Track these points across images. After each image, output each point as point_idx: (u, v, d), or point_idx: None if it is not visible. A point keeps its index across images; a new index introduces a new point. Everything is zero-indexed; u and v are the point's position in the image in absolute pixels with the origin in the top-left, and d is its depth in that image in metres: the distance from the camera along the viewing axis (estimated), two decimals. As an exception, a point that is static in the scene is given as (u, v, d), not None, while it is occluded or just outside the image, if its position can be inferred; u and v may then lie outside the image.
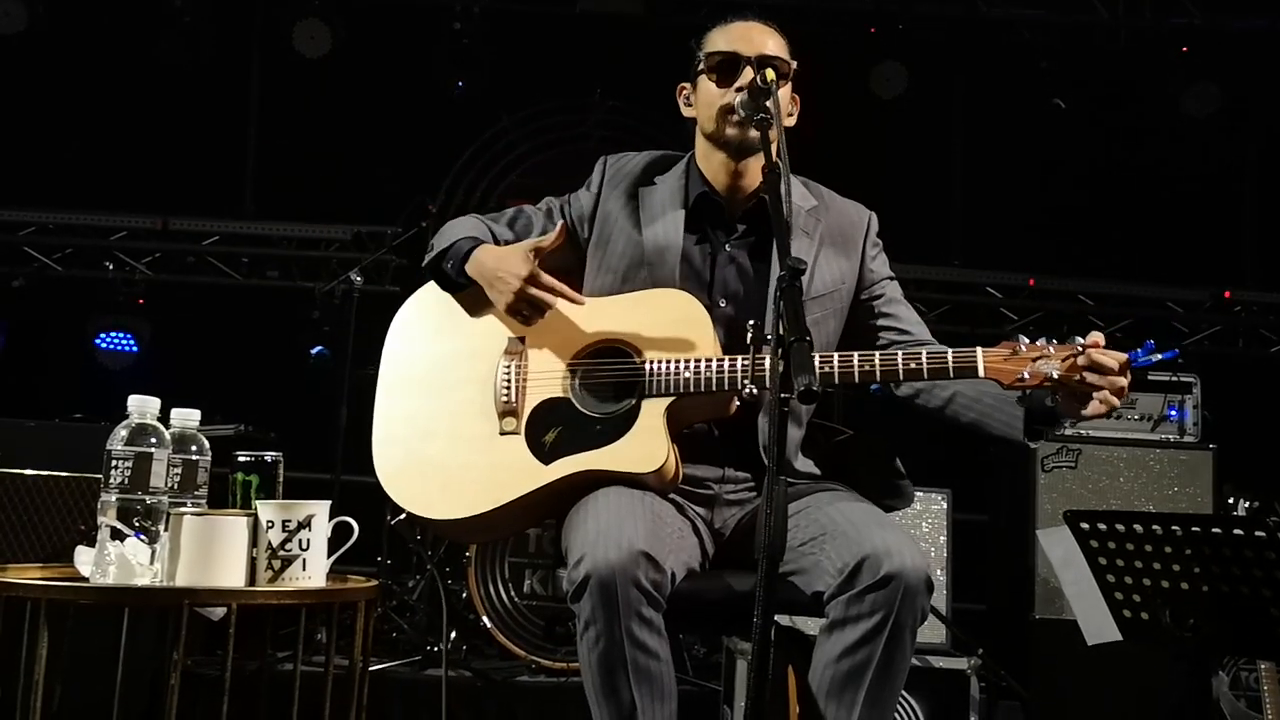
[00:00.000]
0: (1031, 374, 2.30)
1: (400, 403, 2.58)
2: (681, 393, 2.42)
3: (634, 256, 2.62)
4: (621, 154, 2.77)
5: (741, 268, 2.62)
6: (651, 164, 2.73)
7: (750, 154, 2.58)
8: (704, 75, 2.61)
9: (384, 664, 4.44)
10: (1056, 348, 2.31)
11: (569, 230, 2.70)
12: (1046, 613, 4.64)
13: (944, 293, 6.96)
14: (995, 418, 2.47)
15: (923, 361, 2.36)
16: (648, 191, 2.67)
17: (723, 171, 2.63)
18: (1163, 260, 6.88)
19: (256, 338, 6.51)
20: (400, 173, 6.76)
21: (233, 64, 6.97)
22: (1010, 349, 2.33)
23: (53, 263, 6.84)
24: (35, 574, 2.35)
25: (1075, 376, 2.28)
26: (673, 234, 2.61)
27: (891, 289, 2.72)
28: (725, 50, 2.58)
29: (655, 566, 2.20)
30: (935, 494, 4.49)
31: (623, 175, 2.72)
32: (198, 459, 2.39)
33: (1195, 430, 4.93)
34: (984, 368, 2.33)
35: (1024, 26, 6.91)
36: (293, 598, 2.19)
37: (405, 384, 2.59)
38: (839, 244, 2.66)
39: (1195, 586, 2.40)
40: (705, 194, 2.64)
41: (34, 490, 4.08)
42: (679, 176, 2.69)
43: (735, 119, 2.53)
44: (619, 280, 2.62)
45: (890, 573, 2.19)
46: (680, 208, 2.63)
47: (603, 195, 2.70)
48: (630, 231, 2.64)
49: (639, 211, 2.65)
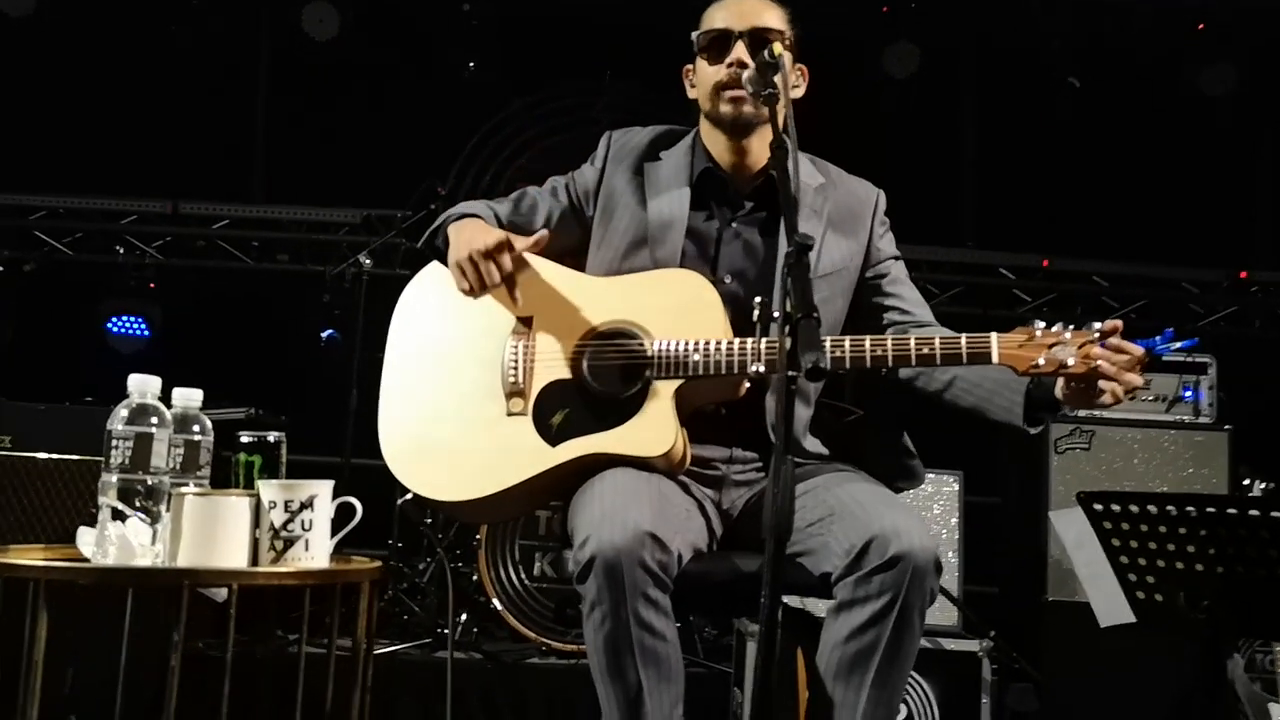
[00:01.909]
0: (1048, 360, 2.25)
1: (406, 384, 2.56)
2: (690, 375, 2.40)
3: (638, 231, 2.59)
4: (627, 129, 2.75)
5: (748, 244, 2.60)
6: (657, 139, 2.70)
7: (749, 131, 2.56)
8: (700, 54, 2.59)
9: (394, 646, 4.43)
10: (1073, 334, 2.26)
11: (573, 206, 2.68)
12: (1059, 594, 4.62)
13: (957, 274, 6.90)
14: (995, 403, 2.44)
15: (935, 347, 2.32)
16: (653, 167, 2.65)
17: (726, 149, 2.61)
18: (1178, 241, 6.82)
19: (267, 321, 6.52)
20: (409, 156, 6.74)
21: (241, 47, 6.95)
22: (1026, 334, 2.29)
23: (63, 247, 6.85)
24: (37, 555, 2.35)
25: (1091, 364, 2.23)
26: (678, 209, 2.58)
27: (897, 269, 2.69)
28: (717, 27, 2.56)
29: (661, 547, 2.18)
30: (947, 475, 4.46)
31: (628, 150, 2.69)
32: (200, 439, 2.38)
33: (1210, 411, 4.89)
34: (999, 354, 2.29)
35: (1037, 5, 6.84)
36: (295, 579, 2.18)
37: (411, 365, 2.57)
38: (847, 222, 2.64)
39: (1210, 568, 2.38)
40: (710, 170, 2.62)
41: (45, 473, 4.09)
42: (685, 152, 2.66)
43: (730, 95, 2.51)
44: (619, 256, 2.60)
45: (898, 553, 2.17)
46: (686, 184, 2.61)
47: (607, 170, 2.68)
48: (635, 207, 2.61)
49: (644, 187, 2.63)
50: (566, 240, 2.66)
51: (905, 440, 2.61)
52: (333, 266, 5.91)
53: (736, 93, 2.51)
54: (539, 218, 2.68)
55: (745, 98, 2.49)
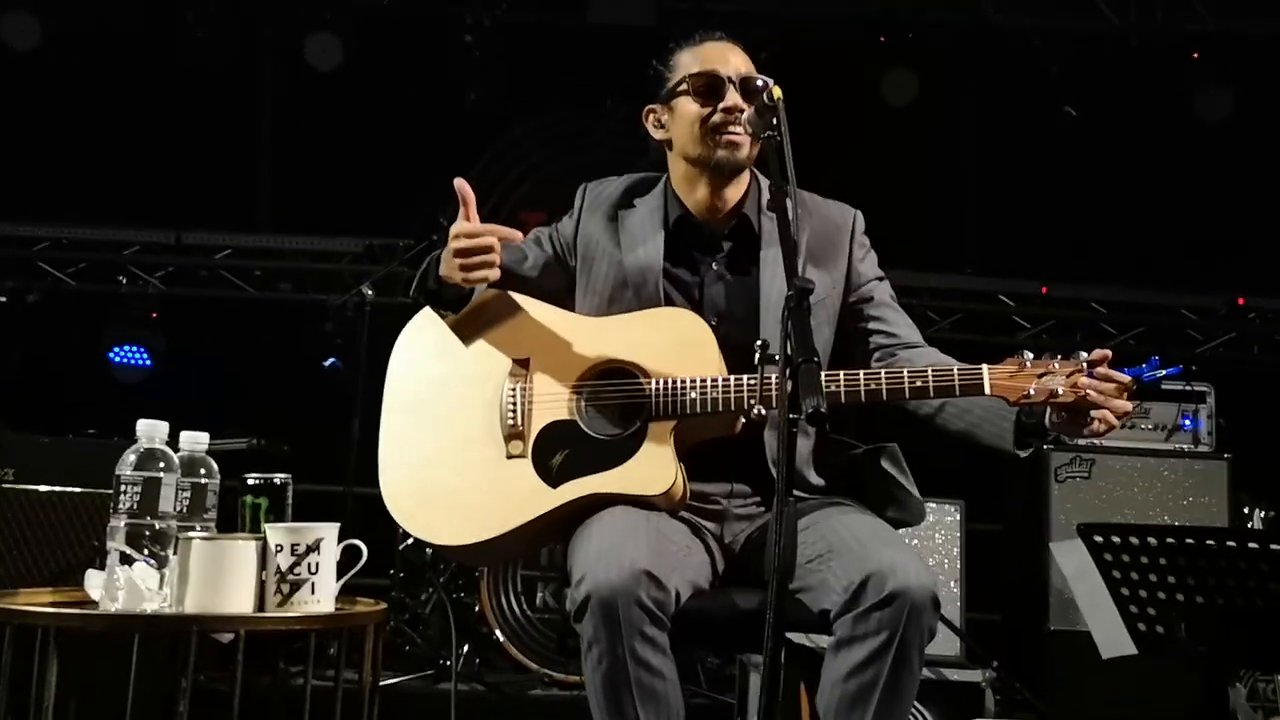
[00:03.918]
0: (1038, 390, 2.28)
1: (405, 427, 2.56)
2: (688, 413, 2.42)
3: (617, 278, 2.62)
4: (601, 180, 2.79)
5: (729, 285, 2.62)
6: (630, 187, 2.74)
7: (735, 174, 2.58)
8: (685, 96, 2.60)
9: (396, 678, 4.43)
10: (1060, 363, 2.30)
11: (557, 256, 2.71)
12: (1062, 624, 4.62)
13: (956, 301, 6.93)
14: (985, 428, 2.46)
15: (929, 380, 2.34)
16: (627, 214, 2.69)
17: (703, 194, 2.63)
18: (1176, 267, 6.85)
19: (269, 350, 6.54)
20: (412, 184, 6.76)
21: (245, 77, 7.00)
22: (1016, 365, 2.32)
23: (66, 277, 6.88)
24: (45, 598, 2.35)
25: (1080, 393, 2.26)
26: (653, 256, 2.61)
27: (880, 290, 2.70)
28: (707, 70, 2.58)
29: (658, 585, 2.19)
30: (948, 505, 4.47)
31: (602, 200, 2.73)
32: (206, 482, 2.39)
33: (1210, 440, 4.90)
34: (990, 385, 2.31)
35: (1033, 33, 6.89)
36: (301, 623, 2.19)
37: (410, 408, 2.58)
38: (825, 250, 2.64)
39: (1210, 600, 2.39)
40: (683, 217, 2.65)
41: (47, 506, 4.11)
42: (657, 198, 2.69)
43: (727, 139, 2.53)
44: (605, 302, 2.63)
45: (895, 590, 2.17)
46: (660, 229, 2.64)
47: (583, 220, 2.72)
48: (612, 253, 2.65)
49: (619, 234, 2.66)
50: (553, 286, 2.69)
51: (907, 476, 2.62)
52: (335, 295, 5.93)
53: (734, 136, 2.54)
54: (527, 263, 2.71)
55: (741, 141, 2.53)
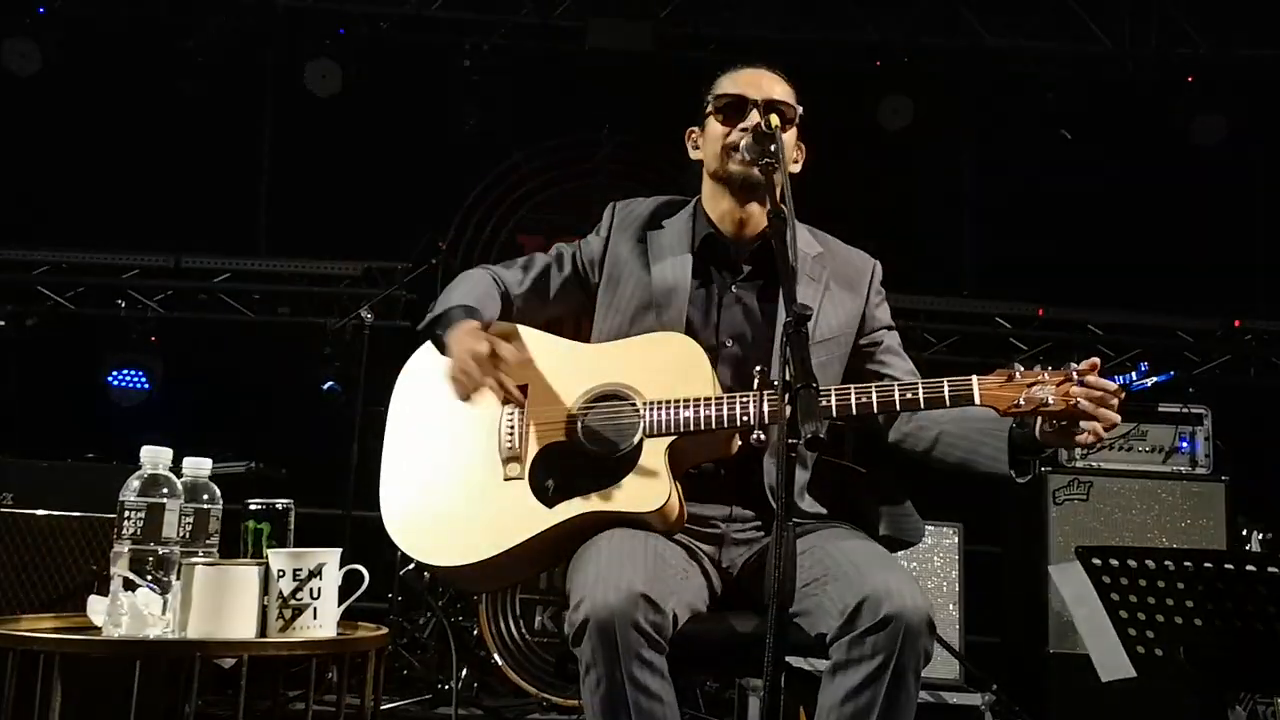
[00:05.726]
0: (1027, 399, 2.30)
1: (407, 456, 2.60)
2: (681, 432, 2.44)
3: (642, 298, 2.65)
4: (631, 199, 2.81)
5: (748, 308, 2.65)
6: (659, 208, 2.77)
7: (754, 193, 2.61)
8: (712, 117, 2.66)
9: (395, 703, 4.42)
10: (1050, 373, 2.32)
11: (578, 274, 2.73)
12: (1061, 647, 4.62)
13: (953, 323, 6.95)
14: (982, 453, 2.47)
15: (919, 391, 2.37)
16: (656, 235, 2.71)
17: (729, 211, 2.66)
18: (1172, 289, 6.88)
19: (268, 374, 6.54)
20: (411, 209, 6.80)
21: (245, 103, 7.03)
22: (1005, 375, 2.34)
23: (65, 301, 6.90)
24: (48, 623, 2.36)
25: (1070, 402, 2.28)
26: (680, 275, 2.64)
27: (890, 338, 2.75)
28: (733, 93, 2.63)
29: (655, 608, 2.20)
30: (946, 528, 4.47)
31: (632, 219, 2.76)
32: (209, 508, 2.40)
33: (1207, 462, 4.91)
34: (980, 394, 2.34)
35: (1029, 57, 6.93)
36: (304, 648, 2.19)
37: (413, 434, 2.62)
38: (845, 289, 2.69)
39: (1209, 623, 2.39)
40: (711, 235, 2.67)
41: (46, 531, 4.09)
42: (686, 219, 2.73)
43: (739, 157, 2.56)
44: (628, 321, 2.65)
45: (890, 614, 2.18)
46: (688, 250, 2.67)
47: (612, 239, 2.74)
48: (639, 273, 2.67)
49: (647, 254, 2.68)
50: (569, 307, 2.74)
51: (905, 499, 2.64)
52: (334, 319, 5.95)
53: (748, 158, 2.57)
54: (552, 285, 2.74)
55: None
